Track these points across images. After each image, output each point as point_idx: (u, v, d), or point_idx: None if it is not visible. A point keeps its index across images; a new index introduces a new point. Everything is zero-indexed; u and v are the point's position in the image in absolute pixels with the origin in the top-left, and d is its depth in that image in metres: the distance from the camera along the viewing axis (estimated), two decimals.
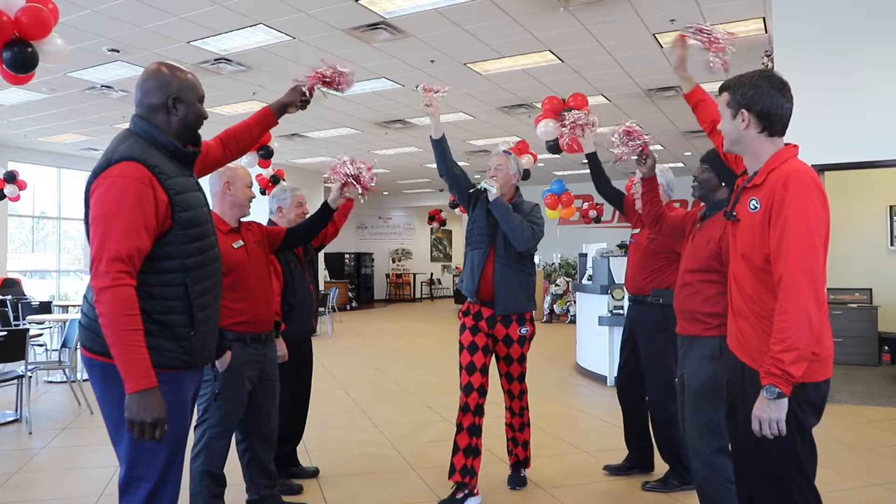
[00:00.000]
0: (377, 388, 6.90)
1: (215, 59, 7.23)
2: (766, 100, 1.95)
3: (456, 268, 23.54)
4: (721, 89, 2.07)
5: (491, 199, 3.44)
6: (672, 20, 6.05)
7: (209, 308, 2.01)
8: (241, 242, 2.97)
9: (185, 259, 1.91)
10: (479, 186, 3.45)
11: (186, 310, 1.91)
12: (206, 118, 2.10)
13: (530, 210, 3.58)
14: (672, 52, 2.68)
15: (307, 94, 2.56)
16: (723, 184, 2.92)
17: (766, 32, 6.33)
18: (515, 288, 3.47)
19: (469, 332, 3.52)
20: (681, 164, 14.02)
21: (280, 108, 2.52)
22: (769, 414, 1.80)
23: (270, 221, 3.70)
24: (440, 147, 3.52)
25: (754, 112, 1.96)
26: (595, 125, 3.84)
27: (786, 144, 2.00)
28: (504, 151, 3.71)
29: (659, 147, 11.82)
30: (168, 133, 1.98)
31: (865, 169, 5.98)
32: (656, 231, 3.27)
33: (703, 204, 3.06)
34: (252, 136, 2.44)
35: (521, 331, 3.52)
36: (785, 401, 1.80)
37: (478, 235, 3.53)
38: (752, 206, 1.95)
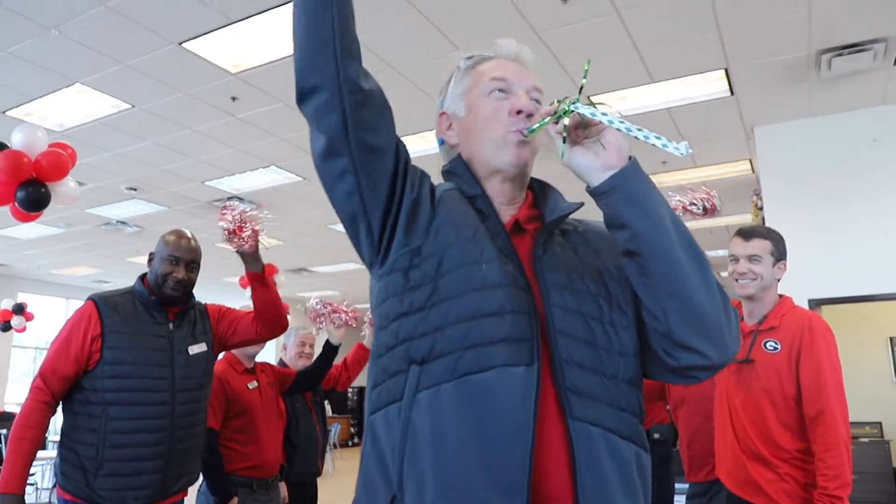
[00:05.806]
0: None
1: (228, 198, 7.53)
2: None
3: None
4: (754, 235, 2.18)
5: (600, 173, 1.07)
6: (664, 162, 6.36)
7: (133, 448, 1.99)
8: (255, 384, 2.98)
9: (105, 393, 2.01)
10: (570, 108, 1.05)
11: (96, 443, 1.96)
12: (172, 277, 2.18)
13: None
14: None
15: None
16: None
17: (754, 172, 6.62)
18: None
19: None
20: None
21: (246, 261, 2.45)
22: None
23: (281, 361, 3.74)
24: None
25: (785, 264, 2.17)
26: None
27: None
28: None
29: None
30: (151, 283, 2.22)
31: (862, 303, 5.98)
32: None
33: None
34: (260, 305, 2.40)
35: None
36: None
37: (479, 323, 1.01)
38: (771, 347, 2.04)
